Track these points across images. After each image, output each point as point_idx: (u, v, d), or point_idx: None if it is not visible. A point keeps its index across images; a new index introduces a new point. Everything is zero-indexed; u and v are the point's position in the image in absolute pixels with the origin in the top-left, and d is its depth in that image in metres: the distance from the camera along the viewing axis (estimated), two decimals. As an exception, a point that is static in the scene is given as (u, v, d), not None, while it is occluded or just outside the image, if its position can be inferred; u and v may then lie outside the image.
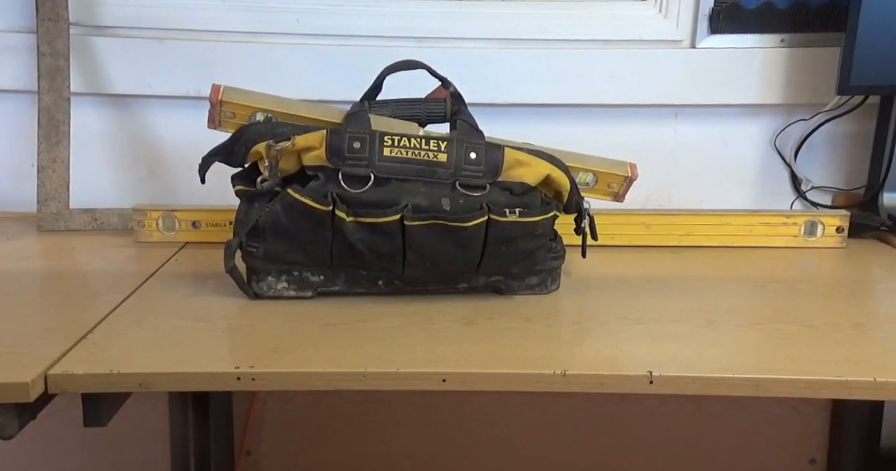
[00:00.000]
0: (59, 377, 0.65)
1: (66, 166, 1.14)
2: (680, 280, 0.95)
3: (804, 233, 1.11)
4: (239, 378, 0.66)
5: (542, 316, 0.81)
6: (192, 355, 0.70)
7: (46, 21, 1.13)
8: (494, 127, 0.91)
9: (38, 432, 1.33)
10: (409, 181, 0.81)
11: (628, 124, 1.26)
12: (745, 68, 1.22)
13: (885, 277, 0.99)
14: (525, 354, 0.71)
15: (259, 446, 1.37)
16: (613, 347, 0.73)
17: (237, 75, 1.19)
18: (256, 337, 0.74)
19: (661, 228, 1.10)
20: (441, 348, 0.72)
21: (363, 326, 0.78)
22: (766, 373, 0.67)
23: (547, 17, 1.23)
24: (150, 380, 0.66)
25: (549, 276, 0.89)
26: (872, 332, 0.78)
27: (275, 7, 1.21)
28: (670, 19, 1.23)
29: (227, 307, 0.83)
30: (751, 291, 0.92)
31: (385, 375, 0.67)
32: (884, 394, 0.67)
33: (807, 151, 1.27)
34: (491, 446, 1.37)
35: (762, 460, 1.38)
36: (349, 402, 1.35)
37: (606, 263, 1.01)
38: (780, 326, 0.79)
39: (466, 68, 1.20)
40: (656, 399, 1.35)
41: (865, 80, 1.12)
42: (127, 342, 0.72)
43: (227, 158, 0.85)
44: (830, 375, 0.67)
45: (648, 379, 0.67)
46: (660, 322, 0.80)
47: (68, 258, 1.02)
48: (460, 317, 0.80)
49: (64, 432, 1.32)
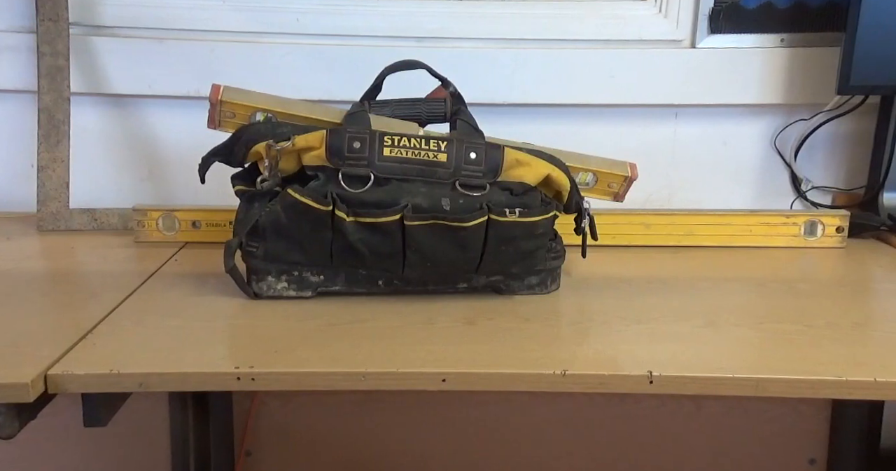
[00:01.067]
0: (59, 377, 0.65)
1: (65, 166, 1.14)
2: (680, 280, 0.95)
3: (804, 233, 1.11)
4: (239, 378, 0.66)
5: (542, 316, 0.81)
6: (192, 354, 0.70)
7: (46, 21, 1.13)
8: (494, 127, 0.91)
9: (38, 432, 1.32)
10: (408, 181, 0.81)
11: (628, 124, 1.26)
12: (745, 68, 1.22)
13: (885, 277, 0.99)
14: (525, 354, 0.71)
15: (259, 446, 1.37)
16: (613, 348, 0.73)
17: (237, 75, 1.19)
18: (256, 337, 0.74)
19: (661, 228, 1.10)
20: (441, 348, 0.72)
21: (363, 326, 0.78)
22: (765, 373, 0.67)
23: (547, 17, 1.23)
24: (150, 380, 0.66)
25: (549, 276, 0.89)
26: (872, 332, 0.78)
27: (275, 7, 1.21)
28: (670, 19, 1.23)
29: (227, 307, 0.83)
30: (751, 291, 0.92)
31: (385, 375, 0.67)
32: (884, 394, 0.67)
33: (807, 151, 1.27)
34: (491, 445, 1.37)
35: (762, 460, 1.38)
36: (349, 402, 1.35)
37: (606, 263, 1.01)
38: (780, 326, 0.79)
39: (466, 68, 1.20)
40: (656, 399, 1.35)
41: (865, 80, 1.12)
42: (127, 342, 0.72)
43: (226, 158, 0.85)
44: (830, 375, 0.67)
45: (648, 379, 0.67)
46: (660, 322, 0.80)
47: (68, 258, 1.02)
48: (460, 317, 0.80)
49: (64, 432, 1.32)
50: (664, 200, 1.29)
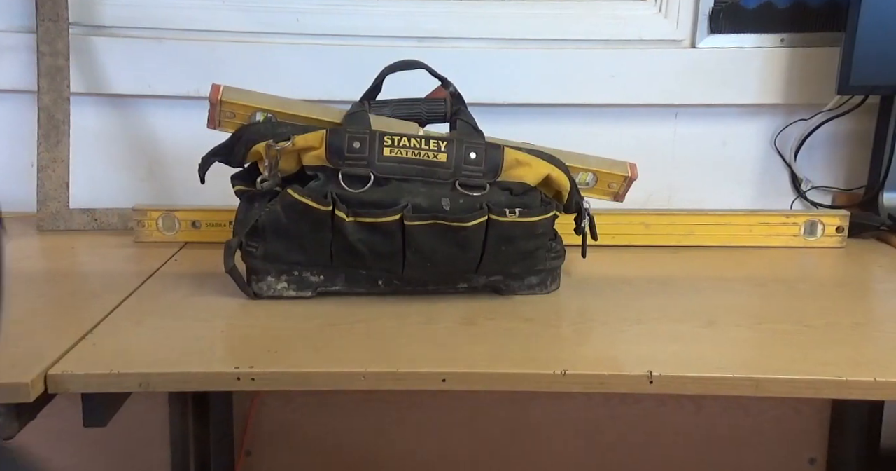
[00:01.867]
0: (59, 377, 0.65)
1: (65, 166, 1.14)
2: (680, 280, 0.95)
3: (804, 233, 1.11)
4: (239, 378, 0.66)
5: (542, 316, 0.81)
6: (192, 355, 0.70)
7: (46, 21, 1.13)
8: (494, 127, 0.91)
9: (38, 432, 1.32)
10: (408, 181, 0.81)
11: (628, 124, 1.26)
12: (745, 68, 1.22)
13: (885, 277, 0.99)
14: (525, 354, 0.71)
15: (259, 446, 1.37)
16: (613, 347, 0.73)
17: (237, 75, 1.19)
18: (256, 337, 0.74)
19: (661, 228, 1.10)
20: (441, 348, 0.72)
21: (363, 326, 0.78)
22: (765, 373, 0.67)
23: (547, 17, 1.23)
24: (150, 380, 0.66)
25: (549, 276, 0.89)
26: (872, 332, 0.78)
27: (275, 7, 1.21)
28: (670, 19, 1.23)
29: (227, 307, 0.83)
30: (751, 291, 0.92)
31: (385, 375, 0.67)
32: (884, 394, 0.67)
33: (807, 151, 1.27)
34: (491, 445, 1.37)
35: (762, 460, 1.38)
36: (349, 402, 1.34)
37: (606, 263, 1.01)
38: (780, 326, 0.79)
39: (466, 68, 1.20)
40: (656, 399, 1.35)
41: (865, 80, 1.12)
42: (127, 342, 0.72)
43: (226, 159, 0.85)
44: (830, 375, 0.67)
45: (648, 379, 0.67)
46: (660, 322, 0.80)
47: (68, 258, 1.02)
48: (460, 317, 0.80)
49: (64, 432, 1.32)
50: (664, 200, 1.29)
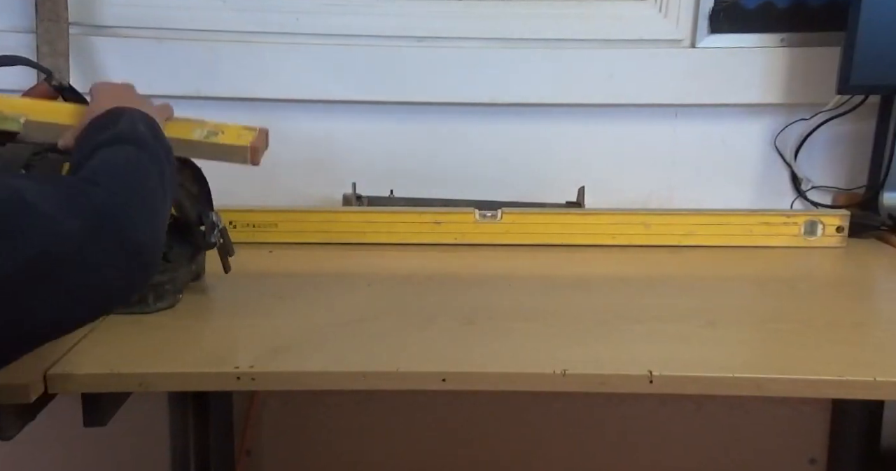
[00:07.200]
0: (59, 377, 0.65)
1: (65, 166, 1.14)
2: (680, 280, 0.95)
3: (804, 232, 1.11)
4: (239, 378, 0.66)
5: (543, 316, 0.81)
6: (192, 355, 0.70)
7: (46, 21, 1.13)
8: (495, 127, 0.91)
9: (38, 432, 1.32)
10: None
11: (628, 124, 1.26)
12: (745, 68, 1.22)
13: (885, 277, 0.99)
14: (525, 354, 0.71)
15: (259, 446, 1.37)
16: (613, 347, 0.73)
17: (237, 75, 1.19)
18: (256, 337, 0.74)
19: (661, 227, 1.10)
20: (441, 348, 0.72)
21: (363, 326, 0.78)
22: (766, 373, 0.67)
23: (547, 16, 1.23)
24: (150, 380, 0.66)
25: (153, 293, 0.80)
26: (872, 332, 0.78)
27: (275, 7, 1.21)
28: (670, 19, 1.23)
29: (226, 307, 0.83)
30: (751, 290, 0.92)
31: (385, 375, 0.67)
32: (884, 394, 0.67)
33: (807, 151, 1.27)
34: (491, 445, 1.37)
35: (762, 460, 1.38)
36: (349, 402, 1.34)
37: (606, 263, 1.01)
38: (781, 325, 0.79)
39: (466, 68, 1.20)
40: (656, 399, 1.35)
41: (865, 79, 1.12)
42: (127, 342, 0.72)
43: None
44: (830, 374, 0.67)
45: (648, 379, 0.66)
46: (660, 322, 0.80)
47: (68, 258, 1.01)
48: (460, 317, 0.80)
49: (64, 432, 1.32)
50: (664, 199, 1.29)
